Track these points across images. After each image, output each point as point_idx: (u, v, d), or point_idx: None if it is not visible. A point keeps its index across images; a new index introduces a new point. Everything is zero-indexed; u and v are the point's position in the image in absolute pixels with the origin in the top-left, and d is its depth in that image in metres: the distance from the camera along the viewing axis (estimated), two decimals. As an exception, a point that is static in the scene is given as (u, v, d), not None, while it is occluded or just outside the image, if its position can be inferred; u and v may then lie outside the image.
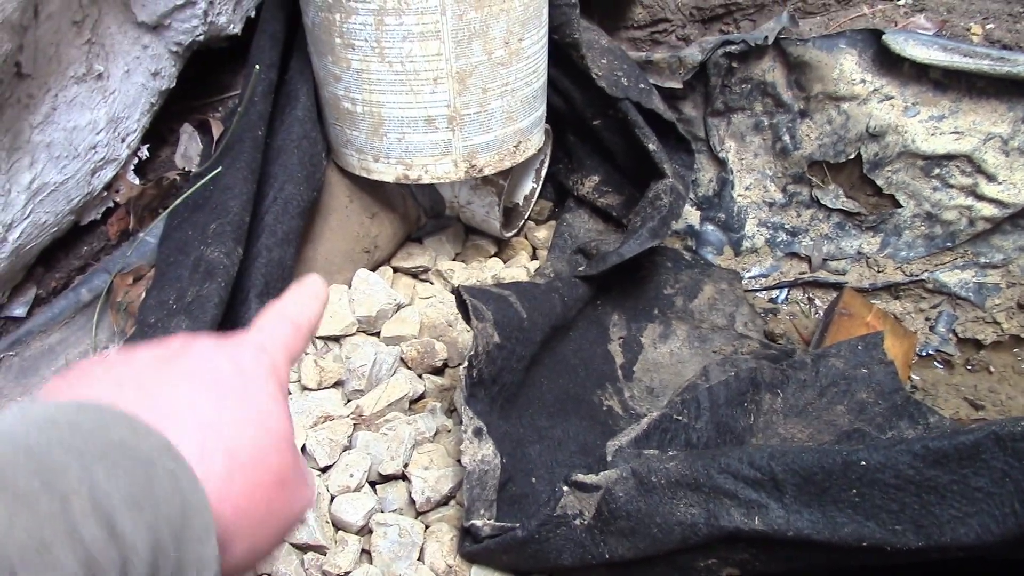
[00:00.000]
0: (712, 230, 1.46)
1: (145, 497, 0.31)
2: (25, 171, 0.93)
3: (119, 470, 0.31)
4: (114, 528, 0.29)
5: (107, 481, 0.30)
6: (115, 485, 0.31)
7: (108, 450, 0.32)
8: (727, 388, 0.98)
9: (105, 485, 0.30)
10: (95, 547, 0.28)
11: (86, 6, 0.96)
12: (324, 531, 0.92)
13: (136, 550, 0.30)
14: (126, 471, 0.32)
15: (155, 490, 0.32)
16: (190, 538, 0.33)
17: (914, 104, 1.27)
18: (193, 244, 1.01)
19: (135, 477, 0.32)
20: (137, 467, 0.32)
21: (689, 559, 0.82)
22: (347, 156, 1.20)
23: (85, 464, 0.30)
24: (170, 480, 0.33)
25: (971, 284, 1.35)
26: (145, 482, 0.32)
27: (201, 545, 0.34)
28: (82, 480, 0.30)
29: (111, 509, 0.30)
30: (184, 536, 0.33)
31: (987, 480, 0.69)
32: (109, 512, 0.30)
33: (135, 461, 0.32)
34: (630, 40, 1.45)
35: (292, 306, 0.50)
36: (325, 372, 1.08)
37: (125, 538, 0.30)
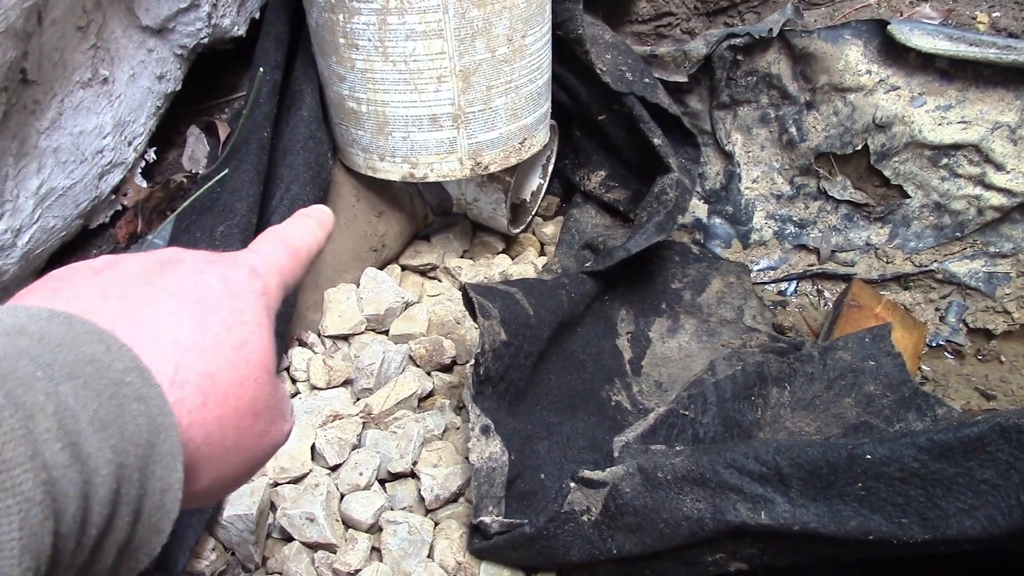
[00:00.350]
0: (720, 223, 1.46)
1: (112, 419, 0.31)
2: (33, 176, 0.93)
3: (87, 390, 0.30)
4: (78, 450, 0.29)
5: (74, 400, 0.30)
6: (82, 405, 0.30)
7: (77, 366, 0.31)
8: (734, 382, 0.98)
9: (72, 404, 0.29)
10: (57, 471, 0.27)
11: (90, 11, 0.97)
12: (334, 529, 0.93)
13: (99, 472, 0.29)
14: (94, 390, 0.31)
15: (123, 412, 0.31)
16: (155, 462, 0.32)
17: (921, 94, 1.26)
18: (201, 246, 1.01)
19: (103, 397, 0.31)
20: (106, 387, 0.31)
21: (697, 554, 0.83)
22: (353, 155, 1.21)
23: (53, 379, 0.30)
24: (139, 402, 0.32)
25: (981, 274, 1.34)
26: (113, 403, 0.31)
27: (166, 470, 0.33)
28: (49, 397, 0.29)
29: (76, 430, 0.29)
30: (149, 460, 0.32)
31: (992, 472, 0.69)
32: (74, 433, 0.29)
33: (104, 380, 0.31)
34: (634, 34, 1.44)
35: (293, 231, 0.48)
36: (334, 371, 1.08)
37: (88, 461, 0.29)
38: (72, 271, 0.40)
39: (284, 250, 0.46)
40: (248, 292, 0.41)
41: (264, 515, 0.94)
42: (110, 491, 0.30)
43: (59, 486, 0.27)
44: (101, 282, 0.38)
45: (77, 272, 0.40)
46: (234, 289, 0.41)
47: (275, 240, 0.47)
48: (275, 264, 0.45)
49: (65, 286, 0.38)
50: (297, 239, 0.48)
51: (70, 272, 0.40)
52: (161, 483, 0.33)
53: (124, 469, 0.31)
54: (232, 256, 0.43)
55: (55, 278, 0.39)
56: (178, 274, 0.40)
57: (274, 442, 0.42)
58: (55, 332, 0.32)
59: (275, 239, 0.47)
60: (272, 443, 0.42)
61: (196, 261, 0.41)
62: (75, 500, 0.28)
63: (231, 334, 0.39)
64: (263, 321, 0.41)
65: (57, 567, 0.28)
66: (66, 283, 0.38)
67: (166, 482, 0.33)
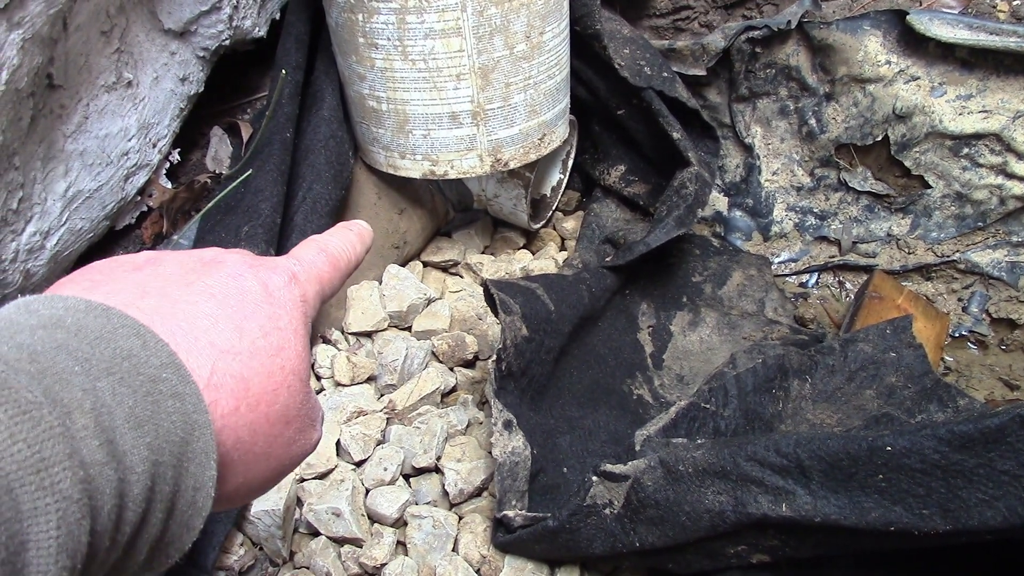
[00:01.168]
0: (740, 216, 1.46)
1: (148, 416, 0.31)
2: (60, 179, 0.95)
3: (124, 386, 0.30)
4: (114, 448, 0.29)
5: (111, 397, 0.30)
6: (119, 401, 0.30)
7: (114, 362, 0.31)
8: (755, 375, 0.98)
9: (109, 400, 0.29)
10: (94, 469, 0.27)
11: (114, 16, 0.98)
12: (360, 524, 0.94)
13: (134, 470, 0.29)
14: (130, 387, 0.31)
15: (158, 409, 0.31)
16: (190, 460, 0.32)
17: (941, 84, 1.26)
18: (226, 246, 1.02)
19: (139, 394, 0.31)
20: (142, 383, 0.31)
21: (719, 546, 0.83)
22: (374, 154, 1.22)
23: (90, 375, 0.29)
24: (174, 399, 0.32)
25: (1003, 263, 1.34)
26: (149, 400, 0.31)
27: (200, 468, 0.33)
28: (86, 393, 0.29)
29: (112, 427, 0.29)
30: (184, 458, 0.32)
31: (1013, 463, 0.69)
32: (110, 430, 0.29)
33: (141, 376, 0.31)
34: (652, 28, 1.45)
35: (334, 241, 0.48)
36: (358, 368, 1.10)
37: (124, 459, 0.29)
38: (113, 264, 0.40)
39: (325, 259, 0.46)
40: (287, 298, 0.41)
41: (291, 511, 0.95)
42: (145, 488, 0.30)
43: (96, 484, 0.27)
44: (141, 278, 0.38)
45: (118, 266, 0.39)
46: (273, 294, 0.40)
47: (317, 249, 0.46)
48: (315, 272, 0.45)
49: (105, 279, 0.38)
50: (338, 250, 0.47)
51: (111, 265, 0.39)
52: (194, 480, 0.33)
53: (159, 466, 0.31)
54: (273, 261, 0.43)
55: (96, 270, 0.39)
56: (219, 275, 0.39)
57: (303, 450, 0.42)
58: (92, 325, 0.32)
59: (317, 248, 0.46)
60: (301, 451, 0.42)
61: (237, 263, 0.41)
62: (111, 498, 0.28)
63: (268, 340, 0.38)
64: (299, 329, 0.41)
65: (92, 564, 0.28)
66: (106, 276, 0.38)
67: (199, 480, 0.33)
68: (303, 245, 0.47)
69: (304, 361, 0.41)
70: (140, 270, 0.39)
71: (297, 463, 0.43)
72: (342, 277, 0.48)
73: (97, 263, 0.40)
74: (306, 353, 0.41)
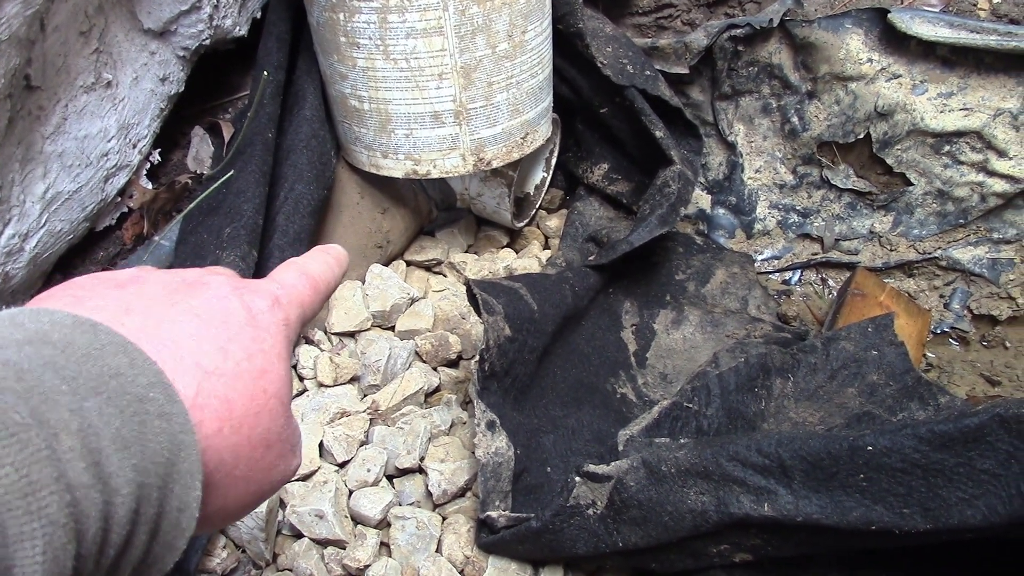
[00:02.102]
0: (723, 214, 1.46)
1: (134, 437, 0.30)
2: (39, 181, 0.94)
3: (111, 406, 0.30)
4: (100, 470, 0.28)
5: (98, 417, 0.29)
6: (105, 422, 0.29)
7: (102, 380, 0.31)
8: (737, 374, 0.99)
9: (96, 421, 0.29)
10: (80, 492, 0.27)
11: (92, 16, 0.97)
12: (343, 526, 0.94)
13: (120, 492, 0.29)
14: (117, 407, 0.30)
15: (145, 430, 0.31)
16: (175, 481, 0.32)
17: (922, 82, 1.26)
18: (209, 248, 1.02)
19: (126, 414, 0.30)
20: (129, 403, 0.31)
21: (701, 546, 0.83)
22: (356, 153, 1.21)
23: (78, 394, 0.29)
24: (161, 420, 0.32)
25: (985, 260, 1.34)
26: (135, 420, 0.31)
27: (185, 489, 0.33)
28: (73, 413, 0.28)
29: (99, 449, 0.29)
30: (169, 479, 0.32)
31: (993, 462, 0.69)
32: (96, 452, 0.28)
33: (128, 396, 0.31)
34: (635, 27, 1.45)
35: (314, 265, 0.48)
36: (340, 368, 1.09)
37: (110, 481, 0.29)
38: (95, 280, 0.40)
39: (306, 282, 0.46)
40: (270, 322, 0.41)
41: (274, 513, 0.95)
42: (130, 511, 0.30)
43: (81, 507, 0.27)
44: (125, 296, 0.38)
45: (101, 282, 0.39)
46: (256, 317, 0.40)
47: (298, 272, 0.46)
48: (296, 296, 0.45)
49: (88, 295, 0.38)
50: (318, 273, 0.48)
51: (93, 282, 0.39)
52: (179, 502, 0.33)
53: (144, 488, 0.30)
54: (256, 284, 0.43)
55: (78, 286, 0.39)
56: (203, 296, 0.39)
57: (282, 476, 0.42)
58: (80, 341, 0.31)
59: (298, 271, 0.47)
60: (280, 477, 0.42)
61: (221, 285, 0.41)
62: (96, 521, 0.28)
63: (252, 362, 0.38)
64: (282, 352, 0.41)
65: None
66: (89, 292, 0.38)
67: (184, 501, 0.33)
68: (283, 268, 0.47)
69: (287, 385, 0.41)
70: (123, 288, 0.39)
71: (276, 489, 0.42)
72: (322, 300, 0.48)
73: (78, 279, 0.40)
74: (288, 377, 0.41)
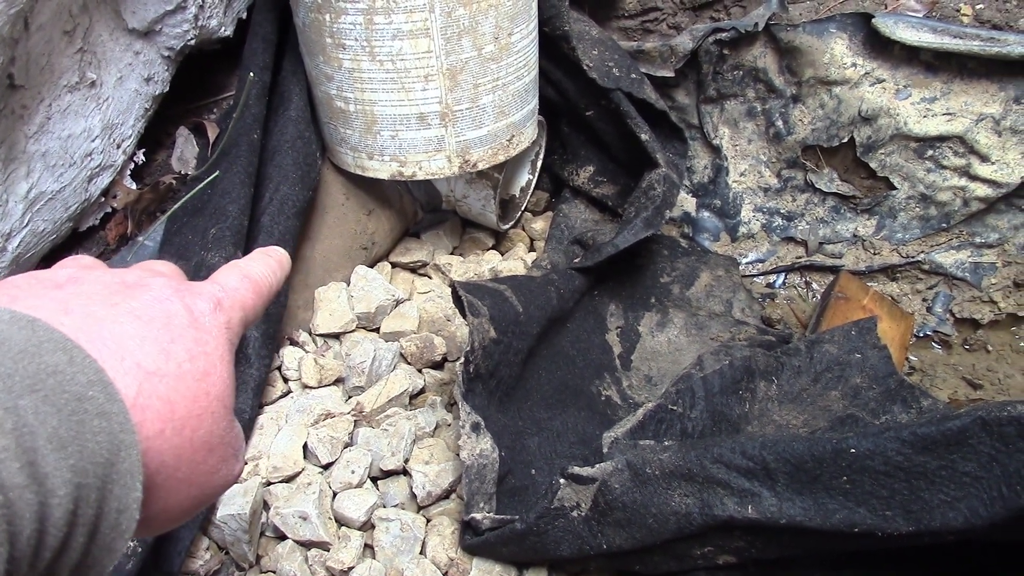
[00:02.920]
0: (708, 217, 1.47)
1: (72, 436, 0.30)
2: (22, 181, 0.94)
3: (47, 404, 0.29)
4: (35, 470, 0.27)
5: (34, 416, 0.28)
6: (41, 421, 0.29)
7: (38, 378, 0.30)
8: (721, 377, 0.99)
9: (31, 420, 0.28)
10: (13, 493, 0.26)
11: (76, 15, 0.97)
12: (327, 527, 0.93)
13: (56, 493, 0.28)
14: (55, 405, 0.29)
15: (83, 429, 0.30)
16: (114, 482, 0.31)
17: (906, 87, 1.27)
18: (194, 249, 1.02)
19: (63, 413, 0.30)
20: (67, 401, 0.30)
21: (686, 548, 0.84)
22: (342, 154, 1.21)
23: (12, 392, 0.28)
24: (100, 419, 0.31)
25: (967, 264, 1.35)
26: (73, 419, 0.30)
27: (124, 490, 0.32)
28: (7, 412, 0.27)
29: (34, 448, 0.28)
30: (108, 479, 0.31)
31: (975, 465, 0.70)
32: (32, 452, 0.28)
33: (66, 394, 0.30)
34: (621, 30, 1.45)
35: (256, 267, 0.48)
36: (325, 370, 1.09)
37: (45, 482, 0.28)
38: (32, 279, 0.39)
39: (248, 285, 0.46)
40: (212, 324, 0.41)
41: (257, 514, 0.94)
42: (67, 512, 0.29)
43: (15, 509, 0.26)
44: (64, 296, 0.37)
45: (39, 282, 0.39)
46: (198, 320, 0.40)
47: (240, 275, 0.46)
48: (239, 299, 0.44)
49: (25, 294, 0.37)
50: (260, 276, 0.47)
51: (30, 280, 0.39)
52: (118, 503, 0.32)
53: (82, 489, 0.30)
54: (198, 286, 0.43)
55: (14, 284, 0.38)
56: (144, 298, 0.39)
57: (224, 481, 0.41)
58: (16, 337, 0.31)
59: (240, 274, 0.46)
60: (222, 482, 0.41)
61: (162, 287, 0.40)
62: (30, 523, 0.27)
63: (194, 364, 0.38)
64: (225, 355, 0.40)
65: None
66: (26, 291, 0.37)
67: (123, 502, 0.32)
68: (225, 271, 0.46)
69: (229, 388, 0.40)
70: (61, 288, 0.38)
71: (218, 494, 0.42)
72: (264, 303, 0.47)
73: (14, 277, 0.39)
74: (231, 380, 0.41)
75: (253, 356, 1.01)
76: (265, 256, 0.50)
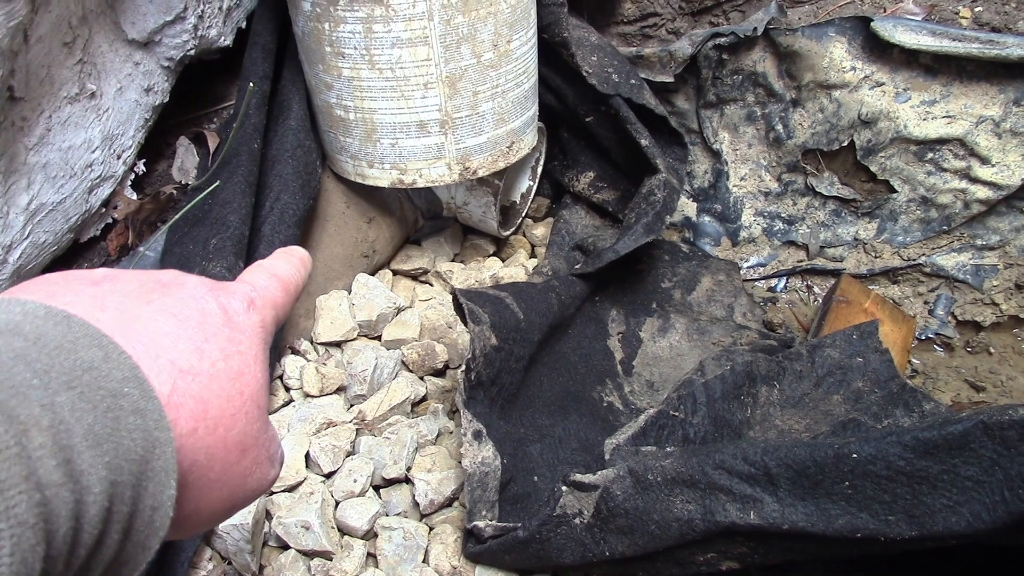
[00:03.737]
0: (709, 221, 1.47)
1: (107, 433, 0.29)
2: (22, 193, 0.94)
3: (84, 401, 0.29)
4: (72, 468, 0.27)
5: (70, 413, 0.28)
6: (78, 418, 0.29)
7: (74, 374, 0.30)
8: (723, 382, 0.99)
9: (68, 417, 0.28)
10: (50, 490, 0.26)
11: (76, 27, 0.97)
12: (330, 537, 0.93)
13: (91, 491, 0.28)
14: (91, 402, 0.29)
15: (118, 426, 0.30)
16: (149, 479, 0.31)
17: (905, 90, 1.27)
18: (195, 259, 1.02)
19: (99, 410, 0.30)
20: (103, 398, 0.30)
21: (688, 554, 0.83)
22: (342, 163, 1.21)
23: (49, 388, 0.28)
24: (135, 416, 0.31)
25: (968, 266, 1.35)
26: (109, 416, 0.30)
27: (159, 487, 0.32)
28: (44, 409, 0.27)
29: (70, 446, 0.28)
30: (143, 476, 0.31)
31: (977, 469, 0.69)
32: (68, 449, 0.28)
33: (101, 391, 0.30)
34: (620, 35, 1.45)
35: (281, 265, 0.48)
36: (327, 378, 1.09)
37: (81, 479, 0.28)
38: (69, 277, 0.38)
39: (277, 284, 0.46)
40: (246, 323, 0.41)
41: (260, 524, 0.94)
42: (102, 509, 0.29)
43: (52, 507, 0.26)
44: (99, 292, 0.37)
45: (75, 279, 0.38)
46: (232, 319, 0.40)
47: (268, 274, 0.46)
48: (270, 298, 0.44)
49: (62, 291, 0.37)
50: (287, 275, 0.47)
51: (67, 278, 0.38)
52: (153, 500, 0.32)
53: (117, 487, 0.30)
54: (231, 286, 0.43)
55: (51, 281, 0.38)
56: (179, 296, 0.39)
57: (259, 485, 0.41)
58: (52, 333, 0.30)
59: (267, 273, 0.46)
60: (256, 485, 0.41)
61: (197, 286, 0.40)
62: (67, 521, 0.27)
63: (228, 363, 0.38)
64: (259, 355, 0.40)
65: None
66: (63, 288, 0.37)
67: (158, 499, 0.32)
68: (252, 271, 0.46)
69: (263, 389, 0.40)
70: (97, 284, 0.38)
71: (251, 499, 0.42)
72: (292, 302, 0.47)
73: (51, 275, 0.39)
74: (265, 380, 0.40)
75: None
76: (288, 255, 0.50)
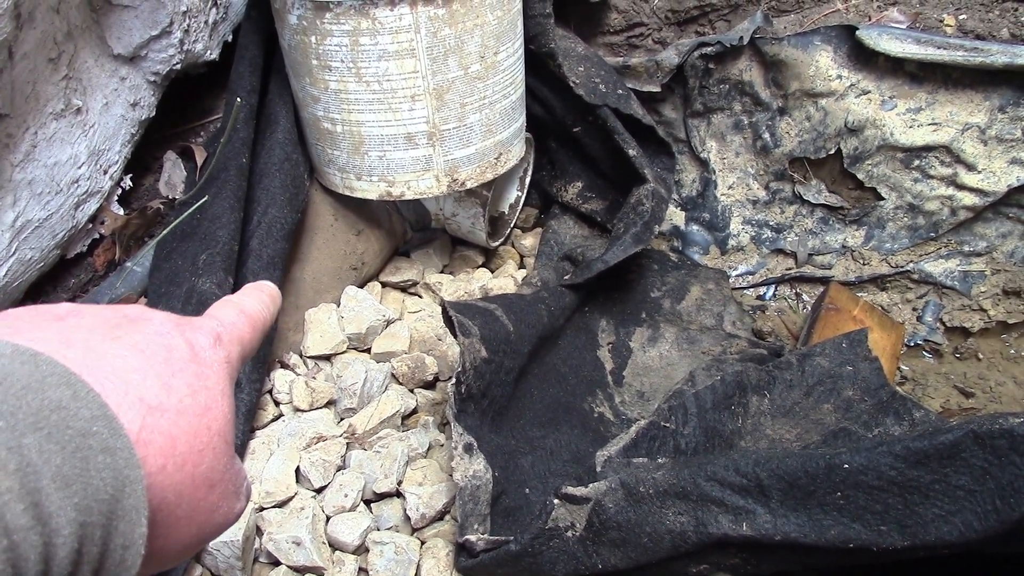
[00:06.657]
0: (697, 230, 1.47)
1: (76, 474, 0.29)
2: (8, 210, 0.93)
3: (51, 442, 0.29)
4: (40, 511, 0.27)
5: (38, 455, 0.28)
6: (45, 459, 0.28)
7: (42, 415, 0.29)
8: (714, 392, 0.99)
9: (35, 459, 0.28)
10: (18, 535, 0.26)
11: (61, 43, 0.97)
12: (321, 552, 0.93)
13: (60, 533, 0.28)
14: (59, 443, 0.29)
15: (87, 466, 0.30)
16: (119, 518, 0.31)
17: (891, 97, 1.27)
18: (184, 275, 1.01)
19: (67, 451, 0.29)
20: (71, 438, 0.29)
21: (681, 566, 0.83)
22: (330, 175, 1.21)
23: (16, 430, 0.28)
24: (105, 454, 0.31)
25: (956, 273, 1.36)
26: (78, 456, 0.29)
27: (130, 526, 0.32)
28: (11, 452, 0.27)
29: (39, 488, 0.27)
30: (113, 516, 0.31)
31: (968, 478, 0.70)
32: (36, 492, 0.27)
33: (70, 431, 0.30)
34: (607, 46, 1.45)
35: (249, 302, 0.48)
36: (316, 392, 1.09)
37: (50, 521, 0.27)
38: (33, 312, 0.38)
39: (245, 320, 0.46)
40: (212, 359, 0.40)
41: (250, 540, 0.94)
42: (71, 551, 0.28)
43: (20, 551, 0.26)
44: (65, 328, 0.37)
45: (39, 314, 0.38)
46: (199, 354, 0.40)
47: (236, 310, 0.46)
48: (236, 334, 0.44)
49: (27, 327, 0.36)
50: (255, 311, 0.47)
51: (31, 313, 0.38)
52: (123, 539, 0.31)
53: (87, 527, 0.29)
54: (197, 321, 0.43)
55: (15, 316, 0.37)
56: (145, 331, 0.38)
57: (225, 519, 0.41)
58: (19, 372, 0.30)
59: (236, 309, 0.46)
60: (223, 519, 0.41)
61: (163, 322, 0.40)
62: (35, 564, 0.27)
63: (195, 399, 0.37)
64: (226, 390, 0.40)
65: None
66: (28, 324, 0.36)
67: (129, 538, 0.32)
68: (221, 306, 0.46)
69: (230, 424, 0.40)
70: (62, 320, 0.37)
71: (218, 532, 0.41)
72: (260, 338, 0.47)
73: (14, 310, 0.38)
74: (232, 416, 0.40)
75: (243, 380, 1.00)
76: (257, 291, 0.49)
